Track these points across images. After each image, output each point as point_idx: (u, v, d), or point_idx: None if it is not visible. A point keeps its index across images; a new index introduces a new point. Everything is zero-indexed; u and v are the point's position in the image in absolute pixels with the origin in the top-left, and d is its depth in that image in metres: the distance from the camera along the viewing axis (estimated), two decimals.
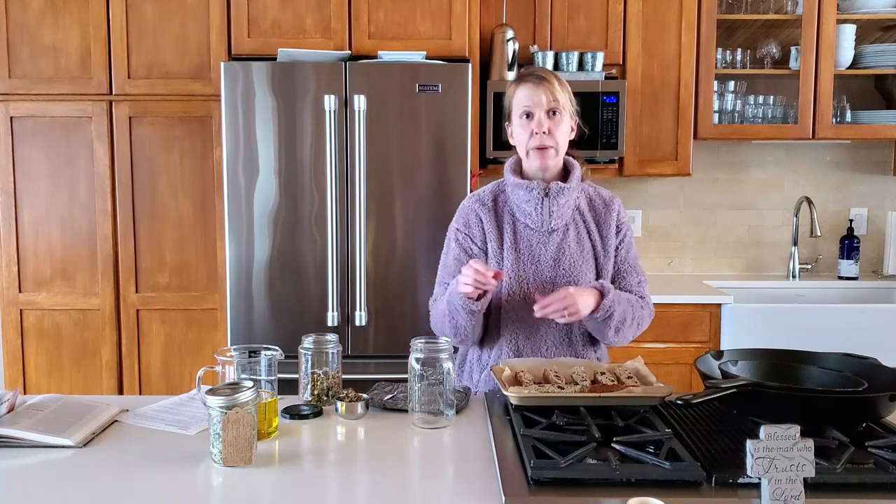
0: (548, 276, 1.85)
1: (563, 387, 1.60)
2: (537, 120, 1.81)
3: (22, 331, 3.06)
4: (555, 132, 1.82)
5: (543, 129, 1.80)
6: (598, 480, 1.23)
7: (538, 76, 1.83)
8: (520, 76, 1.87)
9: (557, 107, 1.82)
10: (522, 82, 1.84)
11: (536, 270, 1.85)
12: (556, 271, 1.85)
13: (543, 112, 1.81)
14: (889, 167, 3.63)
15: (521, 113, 1.83)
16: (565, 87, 1.85)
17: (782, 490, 1.12)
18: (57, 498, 1.25)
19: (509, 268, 1.85)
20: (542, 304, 1.72)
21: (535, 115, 1.82)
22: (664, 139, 3.28)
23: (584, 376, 1.66)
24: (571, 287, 1.74)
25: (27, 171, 3.00)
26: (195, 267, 3.05)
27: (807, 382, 1.59)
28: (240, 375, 1.55)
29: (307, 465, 1.40)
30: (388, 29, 2.95)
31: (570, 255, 1.86)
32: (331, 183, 2.82)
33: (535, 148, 1.82)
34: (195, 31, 2.95)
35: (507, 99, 1.89)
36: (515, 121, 1.86)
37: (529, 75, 1.85)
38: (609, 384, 1.62)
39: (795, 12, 3.29)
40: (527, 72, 1.87)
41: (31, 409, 1.58)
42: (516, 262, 1.85)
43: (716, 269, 3.69)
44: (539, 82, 1.81)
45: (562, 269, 1.85)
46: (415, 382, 1.57)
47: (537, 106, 1.81)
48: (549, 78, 1.83)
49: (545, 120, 1.81)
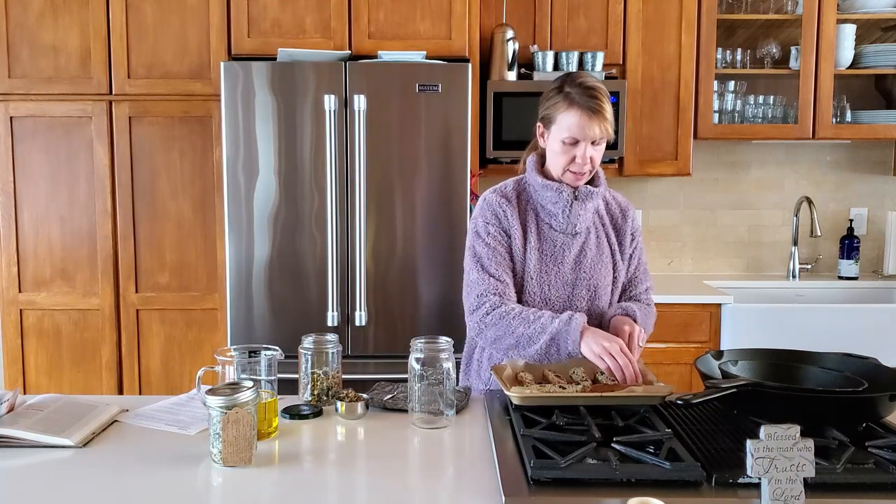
0: (569, 278, 1.84)
1: (565, 387, 1.60)
2: (583, 153, 1.76)
3: (22, 331, 3.06)
4: (595, 160, 1.79)
5: (587, 160, 1.77)
6: (598, 480, 1.23)
7: (594, 107, 1.72)
8: (570, 94, 1.75)
9: (604, 138, 1.77)
10: (574, 106, 1.73)
11: (559, 272, 1.84)
12: (577, 274, 1.85)
13: (590, 144, 1.76)
14: (889, 167, 3.63)
15: (567, 139, 1.76)
16: (611, 108, 1.77)
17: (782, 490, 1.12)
18: (57, 498, 1.25)
19: (532, 268, 1.82)
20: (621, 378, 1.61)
21: (580, 145, 1.76)
22: (664, 139, 3.28)
23: (584, 376, 1.66)
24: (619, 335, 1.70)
25: (27, 171, 3.00)
26: (195, 267, 3.05)
27: (807, 382, 1.59)
28: (240, 375, 1.55)
29: (307, 465, 1.40)
30: (388, 29, 2.95)
31: (590, 259, 1.85)
32: (331, 183, 2.82)
33: (574, 172, 1.79)
34: (195, 31, 2.95)
35: (550, 108, 1.79)
36: (556, 139, 1.78)
37: (583, 98, 1.73)
38: (609, 384, 1.62)
39: (795, 12, 3.29)
40: (578, 92, 1.74)
41: (31, 409, 1.58)
42: (539, 262, 1.83)
43: (716, 269, 3.69)
44: (594, 114, 1.72)
45: (583, 272, 1.85)
46: (415, 382, 1.57)
47: (586, 138, 1.75)
48: (603, 110, 1.73)
49: (590, 150, 1.76)
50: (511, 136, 3.14)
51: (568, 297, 1.85)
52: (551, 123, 1.79)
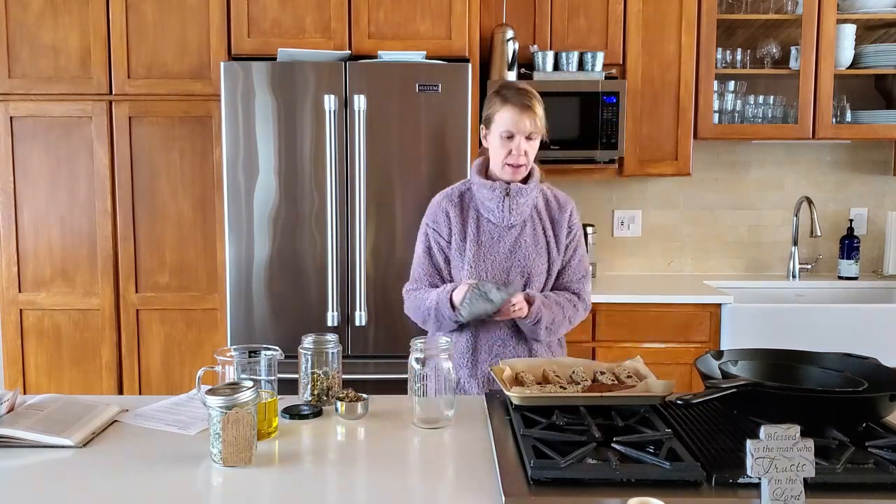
0: (504, 265, 2.03)
1: (565, 387, 1.60)
2: (517, 144, 1.97)
3: (22, 331, 3.06)
4: (530, 154, 2.00)
5: (522, 152, 1.97)
6: (598, 480, 1.23)
7: (524, 104, 1.96)
8: (505, 95, 1.99)
9: (536, 132, 1.98)
10: (508, 103, 1.97)
11: (494, 260, 2.03)
12: (512, 262, 2.03)
13: (524, 137, 1.97)
14: (889, 167, 3.63)
15: (504, 133, 1.97)
16: (542, 109, 1.99)
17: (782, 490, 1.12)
18: (57, 498, 1.25)
19: (470, 258, 2.03)
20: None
21: (515, 138, 1.97)
22: (664, 139, 3.28)
23: (585, 376, 1.66)
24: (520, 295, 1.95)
25: (27, 171, 3.00)
26: (195, 267, 3.05)
27: (807, 382, 1.59)
28: (240, 375, 1.55)
29: (307, 465, 1.40)
30: (388, 29, 2.95)
31: (524, 249, 2.04)
32: (331, 183, 2.82)
33: (510, 165, 1.99)
34: (195, 31, 2.95)
35: (490, 109, 2.02)
36: (495, 134, 2.00)
37: (516, 98, 1.97)
38: (609, 384, 1.62)
39: (795, 12, 3.29)
40: (512, 93, 1.98)
41: (31, 409, 1.58)
42: (476, 252, 2.03)
43: (716, 269, 3.69)
44: (524, 110, 1.95)
45: (517, 260, 2.03)
46: (415, 382, 1.58)
47: (519, 131, 1.96)
48: (533, 106, 1.96)
49: (524, 143, 1.97)
50: None
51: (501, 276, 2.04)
52: (491, 122, 2.01)
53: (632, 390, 1.55)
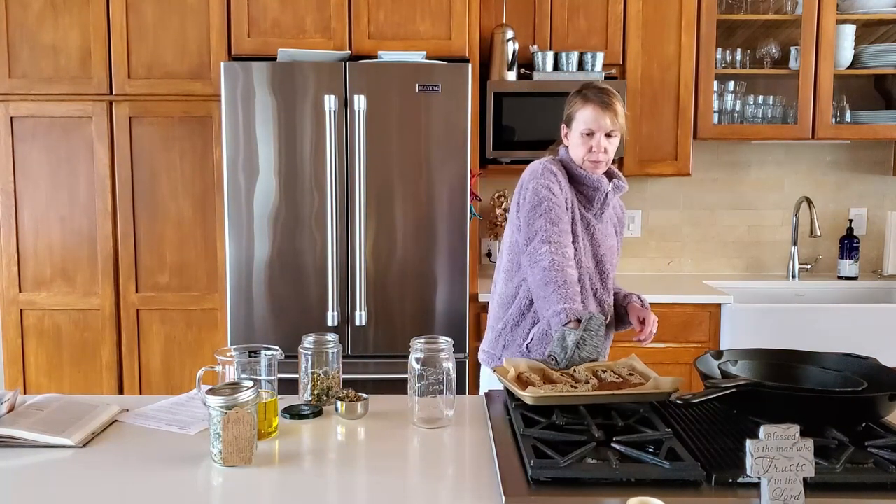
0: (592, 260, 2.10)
1: (575, 386, 1.60)
2: (598, 141, 2.02)
3: (22, 331, 3.06)
4: (609, 150, 2.05)
5: (602, 149, 2.02)
6: (598, 480, 1.23)
7: (605, 102, 2.00)
8: (586, 94, 2.04)
9: (616, 129, 2.03)
10: (589, 102, 2.02)
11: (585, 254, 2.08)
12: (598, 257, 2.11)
13: (604, 135, 2.02)
14: (889, 167, 3.63)
15: (584, 131, 2.02)
16: (623, 107, 2.04)
17: (782, 490, 1.12)
18: (57, 498, 1.25)
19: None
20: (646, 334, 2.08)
21: (595, 135, 2.02)
22: (664, 139, 3.28)
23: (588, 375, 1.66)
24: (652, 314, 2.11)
25: (27, 171, 3.00)
26: (195, 267, 3.05)
27: (807, 382, 1.60)
28: (240, 375, 1.55)
29: (307, 465, 1.40)
30: (388, 29, 2.95)
31: (608, 244, 2.14)
32: (331, 183, 2.82)
33: (591, 161, 2.04)
34: (195, 31, 2.95)
35: (571, 108, 2.07)
36: (575, 132, 2.05)
37: (596, 96, 2.02)
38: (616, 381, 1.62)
39: (795, 12, 3.29)
40: (593, 92, 2.03)
41: (31, 409, 1.58)
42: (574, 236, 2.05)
43: (716, 269, 3.69)
44: (605, 108, 2.00)
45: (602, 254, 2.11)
46: (415, 382, 1.58)
47: (600, 129, 2.01)
48: (614, 105, 2.01)
49: (604, 141, 2.02)
50: (511, 137, 3.14)
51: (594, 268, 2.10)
52: (572, 121, 2.07)
53: (642, 387, 1.55)
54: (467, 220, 2.86)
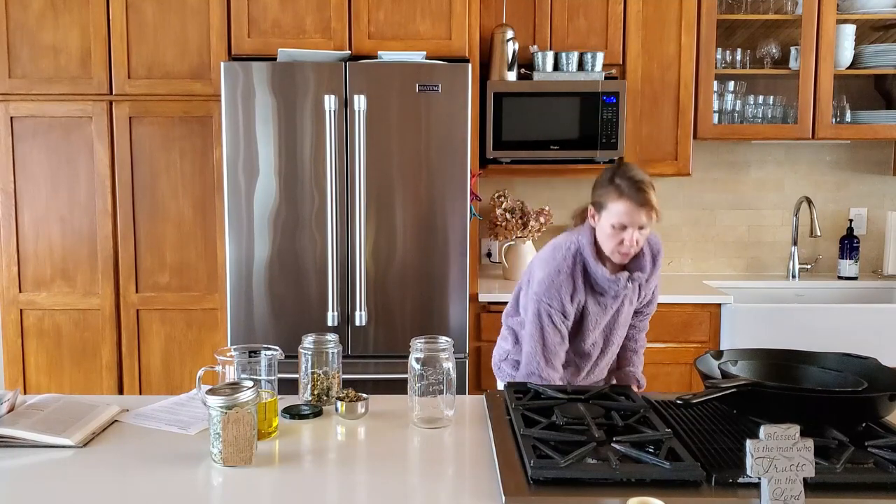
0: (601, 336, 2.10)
1: None
2: (630, 235, 1.93)
3: (22, 331, 3.06)
4: (641, 241, 1.97)
5: (634, 242, 1.94)
6: (598, 480, 1.23)
7: (642, 200, 1.90)
8: (620, 186, 1.92)
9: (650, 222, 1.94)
10: (624, 196, 1.91)
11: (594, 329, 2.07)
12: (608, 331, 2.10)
13: (637, 229, 1.93)
14: (889, 167, 3.63)
15: (617, 223, 1.93)
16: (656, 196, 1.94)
17: (782, 490, 1.12)
18: (57, 498, 1.25)
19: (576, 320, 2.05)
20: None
21: (628, 230, 1.93)
22: (664, 139, 3.28)
23: None
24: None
25: (27, 171, 3.00)
26: (195, 267, 3.05)
27: (807, 382, 1.60)
28: (240, 375, 1.55)
29: (307, 465, 1.40)
30: (388, 29, 2.95)
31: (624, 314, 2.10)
32: (331, 183, 2.82)
33: (621, 253, 1.97)
34: (195, 31, 2.95)
35: (603, 197, 1.96)
36: (606, 222, 1.95)
37: (631, 191, 1.90)
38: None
39: (795, 12, 3.29)
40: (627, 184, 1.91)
41: (32, 409, 1.58)
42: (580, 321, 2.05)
43: (716, 269, 3.69)
44: (641, 205, 1.90)
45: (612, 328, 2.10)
46: (415, 382, 1.58)
47: (633, 224, 1.92)
48: (650, 201, 1.91)
49: (637, 234, 1.93)
50: (511, 137, 3.14)
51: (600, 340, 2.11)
52: (602, 209, 1.96)
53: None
54: (467, 220, 2.86)
